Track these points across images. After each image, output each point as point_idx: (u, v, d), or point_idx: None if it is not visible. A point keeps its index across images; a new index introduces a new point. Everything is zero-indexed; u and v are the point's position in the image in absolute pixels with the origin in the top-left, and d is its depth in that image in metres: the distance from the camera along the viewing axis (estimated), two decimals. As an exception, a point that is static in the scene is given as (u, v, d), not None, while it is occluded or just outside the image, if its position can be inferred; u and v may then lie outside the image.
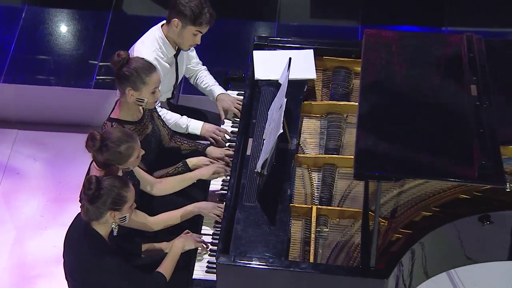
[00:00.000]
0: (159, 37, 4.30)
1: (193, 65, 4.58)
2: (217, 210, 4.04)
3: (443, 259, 4.01)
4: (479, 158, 3.57)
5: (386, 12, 5.73)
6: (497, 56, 4.13)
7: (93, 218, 3.62)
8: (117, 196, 3.57)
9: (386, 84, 3.97)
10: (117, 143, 3.73)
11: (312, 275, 3.69)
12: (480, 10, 5.64)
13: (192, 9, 4.19)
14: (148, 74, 3.95)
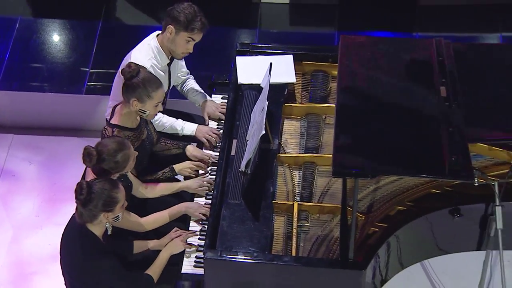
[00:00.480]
0: (154, 46, 4.30)
1: (182, 74, 4.58)
2: (203, 210, 4.04)
3: (417, 250, 4.03)
4: (449, 155, 3.60)
5: (360, 19, 5.75)
6: (465, 59, 4.15)
7: (87, 221, 3.61)
8: (108, 198, 3.57)
9: (361, 87, 3.98)
10: (113, 154, 3.73)
11: (295, 267, 3.71)
12: (449, 17, 5.67)
13: (186, 16, 4.19)
14: (154, 89, 3.95)
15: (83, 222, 3.62)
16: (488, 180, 3.79)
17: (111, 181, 3.62)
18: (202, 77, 4.71)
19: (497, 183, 3.77)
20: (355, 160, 3.63)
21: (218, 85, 4.67)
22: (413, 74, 4.06)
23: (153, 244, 4.00)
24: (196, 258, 3.92)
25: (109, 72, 5.20)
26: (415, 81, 4.03)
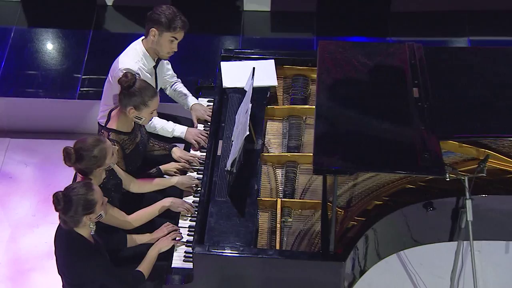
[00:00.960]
0: (140, 50, 4.29)
1: (169, 77, 4.58)
2: (185, 205, 4.05)
3: (393, 242, 4.05)
4: (422, 152, 3.62)
5: (337, 25, 5.77)
6: (435, 62, 4.17)
7: (72, 226, 3.60)
8: (85, 202, 3.54)
9: (339, 89, 4.00)
10: (90, 149, 3.71)
11: (279, 260, 3.72)
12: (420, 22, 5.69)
13: (166, 16, 4.18)
14: (150, 98, 3.96)
15: (69, 227, 3.60)
16: (458, 175, 3.81)
17: (84, 184, 3.58)
18: (189, 82, 4.71)
19: (467, 178, 3.80)
20: (335, 158, 3.65)
21: (204, 89, 4.68)
22: (387, 76, 4.08)
23: (146, 238, 3.99)
24: (185, 253, 3.92)
25: (101, 78, 5.17)
26: (389, 83, 4.05)
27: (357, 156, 3.69)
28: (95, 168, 3.75)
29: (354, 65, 4.12)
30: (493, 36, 5.61)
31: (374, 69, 4.11)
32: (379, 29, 5.71)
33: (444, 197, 3.93)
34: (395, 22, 5.72)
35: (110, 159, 3.78)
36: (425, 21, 5.67)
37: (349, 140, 3.75)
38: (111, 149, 3.78)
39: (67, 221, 3.57)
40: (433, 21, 5.68)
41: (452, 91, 4.08)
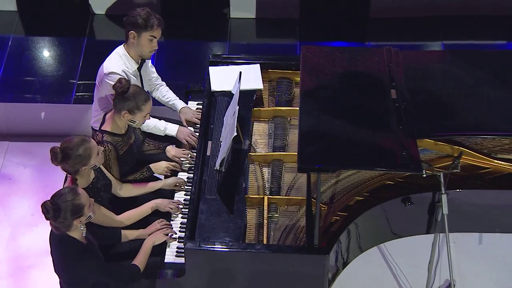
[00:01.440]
0: (122, 54, 4.27)
1: (153, 79, 4.55)
2: (171, 205, 4.04)
3: (374, 235, 4.06)
4: (400, 150, 3.64)
5: (319, 31, 5.78)
6: (411, 64, 4.19)
7: (64, 230, 3.57)
8: (73, 207, 3.51)
9: (322, 91, 4.01)
10: (75, 148, 3.69)
11: (266, 254, 3.72)
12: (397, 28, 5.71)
13: (142, 17, 4.16)
14: (144, 102, 3.94)
15: (61, 232, 3.58)
16: (434, 171, 3.82)
17: (70, 190, 3.54)
18: (179, 86, 4.70)
19: (442, 173, 3.81)
20: (318, 157, 3.65)
21: (193, 93, 4.66)
22: (366, 79, 4.09)
23: (140, 233, 3.96)
24: (178, 248, 3.91)
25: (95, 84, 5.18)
26: (369, 85, 4.06)
27: (339, 155, 3.69)
28: (81, 167, 3.73)
29: (335, 69, 4.13)
30: (465, 40, 5.63)
31: (354, 72, 4.12)
32: (359, 34, 5.73)
33: (421, 192, 3.95)
34: (374, 27, 5.74)
35: (95, 158, 3.76)
36: (402, 27, 5.69)
37: (332, 140, 3.75)
38: (95, 149, 3.75)
39: (58, 227, 3.55)
40: (409, 26, 5.71)
41: (427, 92, 4.09)
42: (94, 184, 3.86)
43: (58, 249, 3.67)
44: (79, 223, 3.56)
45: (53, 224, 3.57)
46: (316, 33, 5.75)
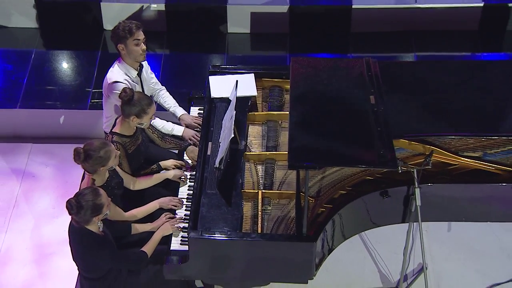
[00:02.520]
0: (121, 66, 4.27)
1: (153, 84, 4.53)
2: (173, 202, 4.03)
3: (356, 224, 4.05)
4: (378, 149, 3.64)
5: (307, 44, 5.77)
6: (388, 73, 4.18)
7: (83, 224, 3.59)
8: (94, 206, 3.53)
9: (309, 97, 4.00)
10: (97, 150, 3.70)
11: (260, 242, 3.72)
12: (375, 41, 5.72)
13: (120, 29, 4.16)
14: (149, 106, 3.95)
15: (80, 225, 3.59)
16: (408, 168, 3.82)
17: (93, 191, 3.56)
18: (183, 93, 4.70)
19: (415, 170, 3.81)
20: (306, 155, 3.65)
21: (195, 99, 4.65)
22: (348, 86, 4.09)
23: (148, 227, 3.96)
24: (182, 237, 3.91)
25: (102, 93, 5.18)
26: (351, 91, 4.05)
27: (324, 153, 3.69)
28: (99, 167, 3.73)
29: (321, 77, 4.12)
30: (435, 52, 5.64)
31: (338, 80, 4.11)
32: (341, 47, 5.73)
33: (397, 186, 3.95)
34: (355, 41, 5.74)
35: (113, 161, 3.77)
36: (379, 40, 5.70)
37: (318, 140, 3.75)
38: (114, 152, 3.77)
39: (78, 221, 3.57)
40: (386, 39, 5.71)
41: (402, 97, 4.09)
42: (108, 183, 3.86)
43: (77, 240, 3.68)
44: (97, 219, 3.58)
45: (74, 218, 3.58)
46: (304, 46, 5.75)
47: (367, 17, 5.66)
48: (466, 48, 5.65)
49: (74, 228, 3.65)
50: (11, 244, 4.75)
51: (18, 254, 4.70)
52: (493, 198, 4.01)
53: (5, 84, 5.49)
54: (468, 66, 4.33)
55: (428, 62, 4.83)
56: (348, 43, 5.73)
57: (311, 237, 3.68)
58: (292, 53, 5.64)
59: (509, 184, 3.95)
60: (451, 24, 5.64)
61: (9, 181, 5.11)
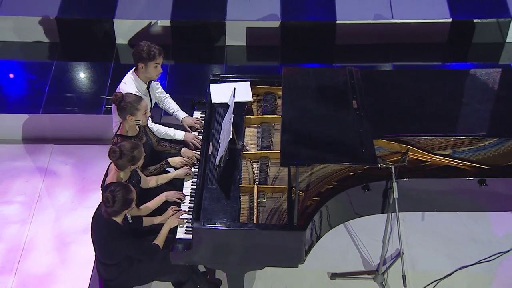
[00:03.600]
0: (134, 79, 4.26)
1: (159, 93, 4.52)
2: (177, 195, 4.01)
3: (340, 215, 4.04)
4: (360, 148, 3.64)
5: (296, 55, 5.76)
6: (368, 81, 4.17)
7: (113, 216, 3.61)
8: (126, 200, 3.58)
9: (298, 102, 3.99)
10: (131, 150, 3.73)
11: (256, 231, 3.71)
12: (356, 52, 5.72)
13: (145, 51, 4.15)
14: (138, 102, 3.94)
15: (110, 217, 3.61)
16: (387, 164, 3.82)
17: (125, 187, 3.60)
18: (186, 99, 4.68)
19: (393, 166, 3.80)
20: (297, 154, 3.64)
21: (197, 104, 4.63)
22: (333, 92, 4.08)
23: (157, 220, 3.96)
24: (187, 227, 3.90)
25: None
26: (335, 97, 4.04)
27: (313, 152, 3.68)
28: (130, 165, 3.76)
29: (309, 84, 4.11)
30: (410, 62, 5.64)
31: (324, 87, 4.10)
32: (327, 57, 5.72)
33: (377, 181, 3.94)
34: (339, 52, 5.74)
35: (141, 161, 3.81)
36: (360, 51, 5.70)
37: (307, 140, 3.74)
38: (143, 153, 3.80)
39: (110, 212, 3.58)
40: (366, 51, 5.71)
41: (381, 102, 4.08)
42: (130, 179, 3.87)
43: (101, 229, 3.68)
44: (126, 213, 3.62)
45: (106, 210, 3.58)
46: (294, 57, 5.74)
47: (349, 31, 5.65)
48: (437, 59, 5.65)
49: (102, 219, 3.65)
50: (35, 234, 4.72)
51: (41, 243, 4.67)
52: (461, 191, 4.01)
53: (29, 92, 5.46)
54: (439, 75, 4.33)
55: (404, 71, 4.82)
56: (333, 54, 5.73)
57: (301, 227, 3.67)
58: (283, 63, 5.64)
59: (475, 179, 3.95)
60: (424, 37, 5.65)
61: (33, 178, 5.08)
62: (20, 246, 4.62)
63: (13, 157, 5.22)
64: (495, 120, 3.97)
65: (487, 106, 4.06)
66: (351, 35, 5.67)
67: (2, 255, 4.56)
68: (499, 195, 4.02)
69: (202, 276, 4.21)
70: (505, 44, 5.60)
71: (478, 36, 5.61)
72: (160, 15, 5.66)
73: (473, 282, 4.37)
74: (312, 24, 5.67)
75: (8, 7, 5.73)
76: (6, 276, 4.43)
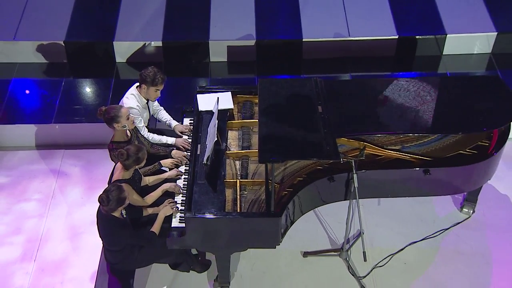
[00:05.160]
0: (136, 95, 4.20)
1: (155, 106, 4.46)
2: (175, 187, 3.96)
3: (310, 203, 4.03)
4: (325, 146, 3.63)
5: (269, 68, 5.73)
6: (331, 89, 4.16)
7: (109, 212, 3.57)
8: (119, 199, 3.53)
9: (273, 108, 3.97)
10: (136, 153, 3.70)
11: (239, 219, 3.68)
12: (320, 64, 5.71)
13: (150, 77, 4.10)
14: (119, 111, 3.90)
15: (107, 213, 3.57)
16: (348, 159, 3.82)
17: (118, 188, 3.55)
18: (177, 108, 4.63)
19: (353, 160, 3.80)
20: (271, 152, 3.62)
21: (187, 112, 4.57)
22: (302, 99, 4.06)
23: (155, 210, 3.89)
24: (180, 217, 3.85)
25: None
26: (303, 103, 4.03)
27: (285, 150, 3.67)
28: (135, 165, 3.72)
29: (281, 93, 4.09)
30: (364, 72, 5.65)
31: (293, 95, 4.08)
32: (296, 70, 5.70)
33: (340, 173, 3.94)
34: (305, 65, 5.73)
35: (144, 161, 3.77)
36: (323, 64, 5.69)
37: (280, 141, 3.72)
38: (146, 155, 3.75)
39: (107, 210, 3.54)
40: (328, 63, 5.71)
41: (342, 107, 4.08)
42: (133, 177, 3.82)
43: (103, 223, 3.63)
44: (121, 209, 3.57)
45: (103, 208, 3.54)
46: (268, 70, 5.71)
47: (314, 47, 5.65)
48: (386, 69, 5.67)
49: (102, 214, 3.61)
50: (50, 226, 4.63)
51: (56, 234, 4.58)
52: (409, 179, 4.02)
53: (42, 105, 5.36)
54: (388, 82, 4.33)
55: (360, 80, 4.83)
56: (301, 67, 5.71)
57: (277, 214, 3.65)
58: (259, 75, 5.60)
59: (421, 169, 3.97)
60: (376, 51, 5.67)
61: (48, 179, 4.98)
62: (38, 237, 4.53)
63: (30, 161, 5.11)
64: (436, 120, 4.00)
65: (429, 108, 4.08)
66: (315, 50, 5.67)
67: (23, 244, 4.48)
68: (440, 181, 4.06)
69: (194, 258, 4.17)
70: (442, 56, 5.65)
71: (420, 49, 5.66)
72: (153, 37, 5.60)
73: (421, 255, 4.39)
74: (282, 42, 5.65)
75: (23, 34, 5.61)
76: (27, 262, 4.36)
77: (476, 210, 4.61)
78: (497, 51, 5.56)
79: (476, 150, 4.05)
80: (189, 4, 5.84)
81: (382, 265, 4.31)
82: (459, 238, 4.46)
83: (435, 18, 5.66)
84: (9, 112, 5.21)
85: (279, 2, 5.88)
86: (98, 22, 5.72)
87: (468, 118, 3.98)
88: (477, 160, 3.98)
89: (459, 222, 4.54)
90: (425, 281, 4.24)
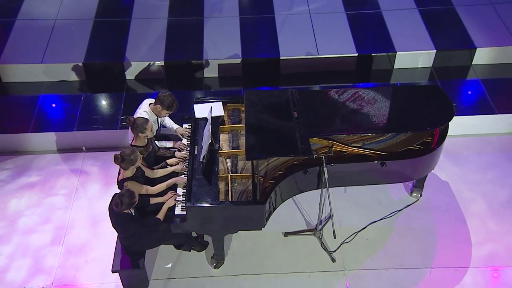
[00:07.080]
0: (148, 111, 4.12)
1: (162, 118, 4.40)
2: (181, 180, 3.90)
3: (289, 192, 3.99)
4: (300, 145, 3.60)
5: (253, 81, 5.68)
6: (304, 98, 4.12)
7: (120, 210, 3.52)
8: (130, 203, 3.49)
9: (256, 115, 3.91)
10: (129, 155, 3.62)
11: (231, 207, 3.63)
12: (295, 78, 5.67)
13: (168, 102, 4.03)
14: (145, 124, 3.83)
15: (119, 211, 3.52)
16: (319, 155, 3.81)
17: (131, 194, 3.51)
18: (177, 116, 4.55)
19: (324, 156, 3.78)
20: (256, 151, 3.58)
21: (186, 119, 4.49)
22: (280, 106, 4.02)
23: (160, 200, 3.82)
24: (182, 206, 3.78)
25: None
26: (282, 110, 3.98)
27: (268, 149, 3.63)
28: (130, 166, 3.62)
29: (263, 102, 4.04)
30: (331, 83, 5.63)
31: (273, 103, 4.04)
32: (275, 83, 5.66)
33: (313, 166, 3.90)
34: (283, 79, 5.69)
35: (139, 161, 3.69)
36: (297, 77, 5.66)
37: (263, 141, 3.67)
38: (139, 156, 3.68)
39: (120, 209, 3.50)
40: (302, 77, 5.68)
41: (313, 112, 4.04)
42: (136, 174, 3.75)
43: (114, 217, 3.59)
44: (131, 209, 3.53)
45: (116, 208, 3.50)
46: (252, 83, 5.66)
47: (289, 64, 5.63)
48: (349, 81, 5.67)
49: (114, 211, 3.57)
50: (75, 216, 4.53)
51: (79, 222, 4.49)
52: (369, 170, 4.01)
53: (65, 116, 5.25)
54: (350, 91, 4.31)
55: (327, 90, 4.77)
56: (279, 80, 5.67)
57: (262, 202, 3.62)
58: (244, 88, 5.55)
59: (378, 162, 3.96)
60: (340, 66, 5.67)
61: (71, 177, 4.87)
62: (65, 225, 4.45)
63: (56, 163, 5.01)
64: (389, 121, 4.00)
65: (383, 112, 4.07)
66: (291, 66, 5.65)
67: (52, 231, 4.40)
68: (394, 172, 4.05)
69: (194, 239, 4.12)
70: (393, 70, 5.69)
71: (376, 64, 5.68)
72: (156, 58, 5.54)
73: (380, 232, 4.38)
74: (264, 60, 5.62)
75: (49, 58, 5.51)
76: (56, 246, 4.30)
77: (423, 194, 4.62)
78: (437, 65, 5.64)
79: (422, 145, 4.07)
80: (186, 30, 5.81)
81: (349, 241, 4.29)
82: (410, 217, 4.46)
83: (387, 39, 5.70)
84: (38, 123, 5.12)
85: (260, 28, 5.86)
86: (111, 46, 5.64)
87: (415, 119, 3.99)
88: (423, 154, 4.01)
89: (410, 204, 4.55)
90: (384, 253, 4.24)
